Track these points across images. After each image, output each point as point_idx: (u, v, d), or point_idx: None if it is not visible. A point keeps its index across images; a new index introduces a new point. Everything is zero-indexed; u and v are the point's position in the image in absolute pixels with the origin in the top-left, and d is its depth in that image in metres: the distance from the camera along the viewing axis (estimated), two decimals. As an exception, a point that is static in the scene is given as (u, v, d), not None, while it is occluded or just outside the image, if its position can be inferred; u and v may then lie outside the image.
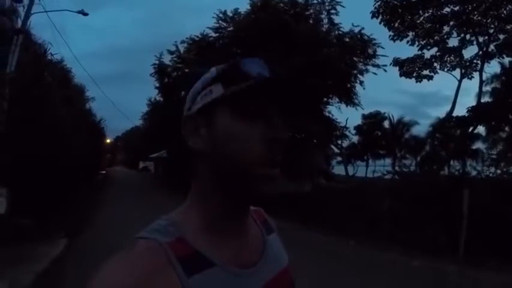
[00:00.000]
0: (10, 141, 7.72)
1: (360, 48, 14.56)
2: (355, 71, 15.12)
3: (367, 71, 15.34)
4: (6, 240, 5.70)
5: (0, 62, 8.62)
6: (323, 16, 14.41)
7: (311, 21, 14.35)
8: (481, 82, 16.69)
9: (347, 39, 14.50)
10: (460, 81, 17.91)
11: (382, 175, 14.36)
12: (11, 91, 7.95)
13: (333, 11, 14.29)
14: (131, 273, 0.48)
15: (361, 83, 15.20)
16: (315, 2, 14.21)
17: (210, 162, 0.58)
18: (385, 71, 15.00)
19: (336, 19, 14.49)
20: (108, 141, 36.71)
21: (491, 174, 10.84)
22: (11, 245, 5.54)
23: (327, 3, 14.12)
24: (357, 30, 14.33)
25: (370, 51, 14.88)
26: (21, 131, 7.78)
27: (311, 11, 14.34)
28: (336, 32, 14.46)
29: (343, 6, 14.24)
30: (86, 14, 10.99)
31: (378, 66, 14.77)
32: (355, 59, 14.93)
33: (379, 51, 14.81)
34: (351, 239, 8.68)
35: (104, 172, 32.06)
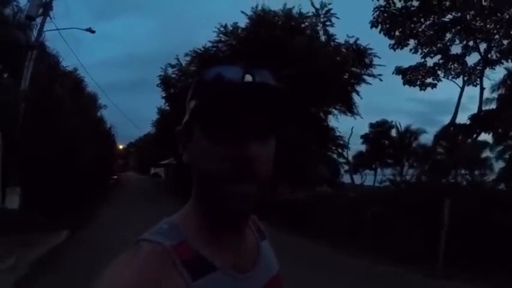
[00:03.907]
0: (23, 147, 9.21)
1: (357, 59, 15.56)
2: (352, 81, 16.08)
3: (364, 80, 16.28)
4: (18, 230, 7.15)
5: (15, 76, 10.18)
6: (319, 28, 15.51)
7: (308, 32, 15.46)
8: (482, 89, 17.37)
9: (343, 50, 15.55)
10: (462, 89, 18.62)
11: (378, 184, 15.12)
12: (25, 104, 9.44)
13: (328, 23, 15.39)
14: (138, 276, 0.51)
15: (357, 92, 16.12)
16: (310, 14, 15.34)
17: (194, 177, 0.62)
18: (381, 80, 15.91)
19: (332, 30, 15.60)
20: (120, 147, 38.93)
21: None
22: (21, 233, 6.96)
23: (321, 15, 15.24)
24: (352, 40, 15.36)
25: (366, 60, 15.86)
26: (34, 138, 9.24)
27: (306, 23, 15.46)
28: (333, 43, 15.52)
29: (338, 18, 15.34)
30: (93, 32, 12.52)
31: (373, 75, 15.67)
32: (353, 69, 15.91)
33: (376, 61, 15.76)
34: (328, 244, 9.36)
35: (115, 177, 34.18)
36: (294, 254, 8.07)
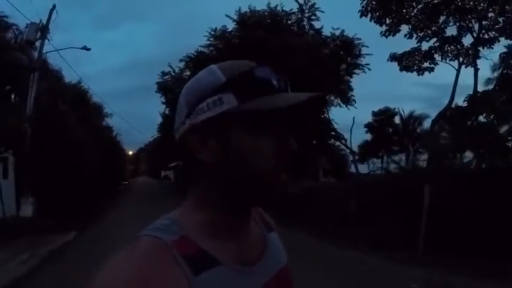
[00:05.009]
0: (34, 160, 10.64)
1: (345, 50, 16.50)
2: (342, 72, 17.03)
3: (358, 68, 17.16)
4: (32, 234, 8.56)
5: (21, 97, 11.62)
6: (305, 23, 16.51)
7: (294, 29, 16.47)
8: (476, 69, 17.91)
9: (331, 44, 16.52)
10: (458, 71, 19.17)
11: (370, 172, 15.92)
12: (31, 123, 10.86)
13: (313, 17, 16.37)
14: (137, 270, 0.52)
15: (349, 83, 17.08)
16: (295, 10, 16.32)
17: (219, 172, 0.61)
18: (369, 69, 16.81)
19: (320, 24, 16.57)
20: (130, 153, 40.84)
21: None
22: (34, 236, 8.39)
23: (306, 11, 16.21)
24: (338, 32, 16.30)
25: (355, 51, 16.79)
26: (43, 151, 10.63)
27: (293, 20, 16.46)
28: (318, 37, 16.50)
29: (323, 11, 16.31)
30: (88, 49, 13.86)
31: (361, 65, 16.58)
32: (349, 61, 16.82)
33: (364, 50, 16.67)
34: (311, 234, 10.19)
35: (126, 183, 36.08)
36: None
